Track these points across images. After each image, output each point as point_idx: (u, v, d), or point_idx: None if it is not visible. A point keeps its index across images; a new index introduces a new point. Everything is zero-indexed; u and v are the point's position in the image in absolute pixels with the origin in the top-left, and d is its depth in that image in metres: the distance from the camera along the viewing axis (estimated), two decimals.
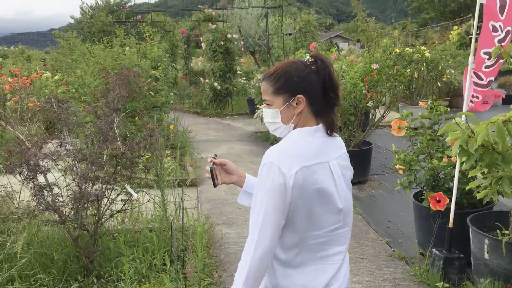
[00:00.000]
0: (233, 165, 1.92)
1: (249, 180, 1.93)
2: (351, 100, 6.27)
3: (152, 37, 9.90)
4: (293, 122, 1.65)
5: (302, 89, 1.60)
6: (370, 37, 15.78)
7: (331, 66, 1.64)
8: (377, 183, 6.46)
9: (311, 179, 1.55)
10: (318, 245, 1.62)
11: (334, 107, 1.65)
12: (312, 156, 1.58)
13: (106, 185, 3.67)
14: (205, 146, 9.39)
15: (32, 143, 3.60)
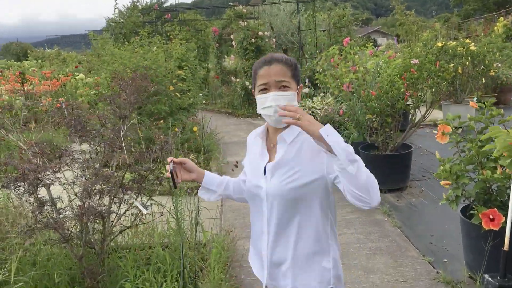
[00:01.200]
0: (193, 164, 2.04)
1: (208, 177, 2.08)
2: (388, 100, 5.73)
3: (176, 35, 9.58)
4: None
5: (300, 79, 1.87)
6: (410, 31, 14.97)
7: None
8: (418, 190, 5.89)
9: None
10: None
11: None
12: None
13: (113, 199, 3.33)
14: (234, 149, 9.02)
15: (35, 152, 3.29)
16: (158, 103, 7.97)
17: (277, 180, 1.78)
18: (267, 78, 1.76)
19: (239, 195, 2.14)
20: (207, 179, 2.06)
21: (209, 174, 2.08)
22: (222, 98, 15.56)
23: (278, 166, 1.80)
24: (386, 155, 5.82)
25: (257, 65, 1.83)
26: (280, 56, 1.81)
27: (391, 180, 5.78)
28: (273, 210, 1.81)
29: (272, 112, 1.74)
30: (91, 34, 18.49)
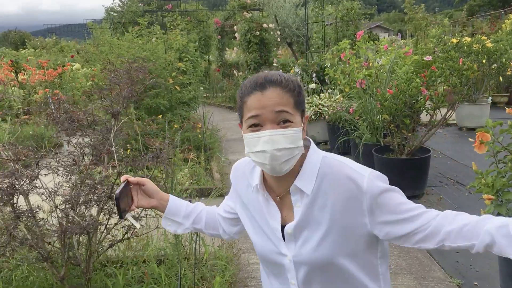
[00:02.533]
0: (154, 186, 1.57)
1: (172, 205, 1.60)
2: (406, 99, 5.28)
3: (176, 25, 9.10)
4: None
5: (304, 107, 1.33)
6: (419, 26, 14.46)
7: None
8: (435, 197, 5.45)
9: None
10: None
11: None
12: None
13: (101, 210, 2.88)
14: (236, 147, 8.57)
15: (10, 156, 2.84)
16: (156, 97, 7.51)
17: (309, 246, 1.32)
18: (259, 109, 1.23)
19: (213, 231, 1.69)
20: (171, 208, 1.60)
21: (174, 202, 1.61)
22: (223, 92, 15.09)
23: (303, 227, 1.33)
24: (402, 159, 5.37)
25: (245, 89, 1.29)
26: (276, 76, 1.27)
27: (407, 187, 5.32)
28: (306, 281, 1.35)
29: (268, 159, 1.24)
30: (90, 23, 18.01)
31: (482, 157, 3.25)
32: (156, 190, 1.57)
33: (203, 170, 6.13)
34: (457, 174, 6.24)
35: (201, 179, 5.85)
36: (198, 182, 5.84)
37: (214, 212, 1.69)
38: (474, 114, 9.05)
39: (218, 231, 1.68)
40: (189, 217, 1.63)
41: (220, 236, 1.68)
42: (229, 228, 1.66)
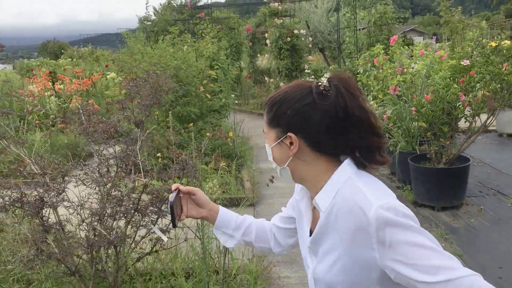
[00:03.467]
0: (205, 196, 1.54)
1: (222, 217, 1.56)
2: (444, 106, 5.06)
3: (207, 33, 9.11)
4: (289, 165, 1.27)
5: (294, 126, 1.21)
6: (455, 30, 14.00)
7: (352, 94, 1.16)
8: (475, 208, 5.19)
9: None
10: None
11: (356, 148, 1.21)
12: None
13: (128, 223, 2.84)
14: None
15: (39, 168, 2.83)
16: (187, 105, 7.52)
17: (323, 265, 1.24)
18: None
19: (264, 244, 1.61)
20: (221, 220, 1.55)
21: (224, 213, 1.57)
22: (254, 99, 15.05)
23: (318, 244, 1.26)
24: (440, 169, 5.15)
25: None
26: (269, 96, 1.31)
27: (446, 197, 5.11)
28: None
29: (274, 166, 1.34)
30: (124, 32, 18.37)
31: None
32: (206, 200, 1.55)
33: (233, 179, 6.06)
34: (498, 184, 5.95)
35: (231, 188, 5.79)
36: (229, 192, 5.77)
37: (263, 224, 1.63)
38: None
39: (268, 244, 1.60)
40: (239, 229, 1.58)
41: (271, 249, 1.60)
42: (284, 239, 1.57)
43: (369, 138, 1.19)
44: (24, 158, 2.86)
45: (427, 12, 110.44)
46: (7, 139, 2.83)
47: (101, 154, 2.71)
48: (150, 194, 2.73)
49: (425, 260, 1.04)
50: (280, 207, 1.62)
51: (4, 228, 3.29)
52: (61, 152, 7.94)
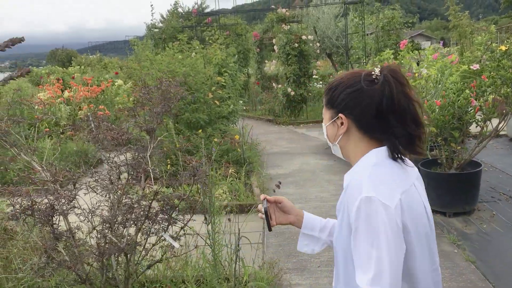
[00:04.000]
0: (290, 203, 1.67)
1: (308, 220, 1.67)
2: (455, 111, 5.02)
3: (215, 39, 9.13)
4: (339, 143, 1.42)
5: (346, 108, 1.36)
6: (464, 34, 13.93)
7: (400, 83, 1.30)
8: (488, 214, 5.13)
9: (412, 204, 1.29)
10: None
11: (397, 135, 1.31)
12: (405, 178, 1.33)
13: (139, 230, 2.83)
14: (276, 160, 8.44)
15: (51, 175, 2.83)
16: (196, 112, 7.53)
17: (335, 235, 1.45)
18: None
19: None
20: (307, 223, 1.66)
21: (309, 216, 1.68)
22: (262, 105, 15.04)
23: (337, 216, 1.45)
24: (451, 174, 5.09)
25: None
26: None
27: (457, 203, 5.05)
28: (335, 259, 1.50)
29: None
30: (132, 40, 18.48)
31: None
32: (292, 206, 1.67)
33: (242, 185, 6.04)
34: (510, 189, 5.87)
35: (240, 195, 5.76)
36: (238, 198, 5.75)
37: None
38: None
39: None
40: (325, 230, 1.66)
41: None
42: None
43: (410, 126, 1.30)
44: (34, 165, 2.87)
45: (434, 16, 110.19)
46: (18, 147, 2.84)
47: (111, 161, 2.70)
48: (160, 201, 2.71)
49: (360, 260, 1.21)
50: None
51: (15, 236, 3.28)
52: (70, 160, 7.98)
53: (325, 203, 5.81)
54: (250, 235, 4.14)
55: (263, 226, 5.09)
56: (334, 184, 6.66)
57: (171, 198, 2.72)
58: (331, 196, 6.05)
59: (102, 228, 2.64)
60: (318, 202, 5.87)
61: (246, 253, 3.76)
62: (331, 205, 5.68)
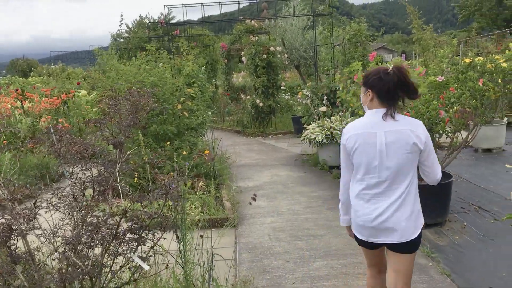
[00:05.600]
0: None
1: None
2: (424, 123, 5.03)
3: (188, 52, 8.97)
4: (367, 105, 2.62)
5: (371, 86, 2.55)
6: (426, 47, 14.27)
7: (404, 73, 2.48)
8: (459, 225, 5.15)
9: (355, 141, 2.56)
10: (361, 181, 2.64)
11: (400, 99, 2.54)
12: (363, 127, 2.57)
13: (105, 251, 2.63)
14: (246, 173, 8.32)
15: None
16: (164, 123, 7.33)
17: None
18: None
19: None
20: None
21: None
22: (230, 116, 14.92)
23: None
24: (423, 186, 5.07)
25: None
26: None
27: (429, 214, 5.04)
28: None
29: None
30: (96, 49, 18.01)
31: (503, 180, 3.00)
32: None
33: (213, 199, 5.88)
34: (479, 200, 5.94)
35: (211, 209, 5.60)
36: (209, 212, 5.58)
37: None
38: (490, 135, 8.76)
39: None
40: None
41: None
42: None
43: (411, 93, 2.50)
44: None
45: (395, 30, 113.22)
46: None
47: (74, 177, 2.51)
48: (130, 221, 2.54)
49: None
50: (262, 228, 1.91)
51: None
52: (31, 174, 7.60)
53: (297, 216, 5.71)
54: (223, 251, 3.99)
55: (235, 241, 4.94)
56: (306, 196, 6.58)
57: (142, 217, 2.55)
58: (304, 209, 5.96)
59: (65, 250, 2.44)
60: (290, 215, 5.76)
61: (219, 270, 3.61)
62: (304, 218, 5.59)
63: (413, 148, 2.43)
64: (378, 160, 2.46)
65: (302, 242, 4.81)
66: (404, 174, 2.48)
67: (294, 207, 6.07)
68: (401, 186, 2.48)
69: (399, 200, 2.48)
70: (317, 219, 5.54)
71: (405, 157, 2.44)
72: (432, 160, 2.54)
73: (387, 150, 2.44)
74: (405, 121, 2.47)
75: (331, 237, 4.93)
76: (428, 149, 2.49)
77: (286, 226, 5.33)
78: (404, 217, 2.48)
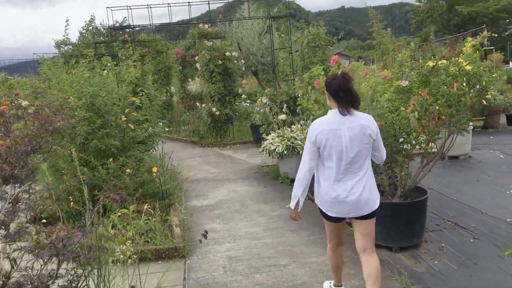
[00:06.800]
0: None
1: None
2: (395, 132, 4.49)
3: (128, 55, 8.19)
4: (329, 104, 3.24)
5: (326, 88, 3.20)
6: (386, 51, 14.03)
7: (346, 79, 3.08)
8: (436, 246, 4.62)
9: (324, 137, 3.10)
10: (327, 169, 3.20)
11: (345, 100, 3.08)
12: (330, 124, 3.12)
13: None
14: (201, 189, 7.59)
15: None
16: (107, 137, 6.51)
17: None
18: None
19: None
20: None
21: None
22: (187, 125, 14.13)
23: None
24: (396, 204, 4.54)
25: None
26: None
27: (404, 236, 4.51)
28: None
29: None
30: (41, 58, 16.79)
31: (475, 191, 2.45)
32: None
33: (160, 224, 5.13)
34: (454, 215, 5.47)
35: (156, 237, 4.85)
36: (154, 241, 4.83)
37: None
38: (456, 142, 8.36)
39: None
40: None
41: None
42: None
43: (350, 97, 3.09)
44: None
45: (351, 37, 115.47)
46: None
47: None
48: None
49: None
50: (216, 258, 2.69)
51: None
52: None
53: (257, 241, 5.04)
54: None
55: (183, 277, 4.21)
56: (266, 215, 5.93)
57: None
58: (263, 232, 5.31)
59: None
60: (249, 240, 5.09)
61: None
62: (264, 244, 4.93)
63: (368, 138, 3.12)
64: (344, 151, 3.08)
65: (262, 276, 4.14)
66: (364, 159, 3.15)
67: (253, 230, 5.40)
68: (362, 169, 3.14)
69: (364, 179, 3.14)
70: (278, 244, 4.88)
71: (363, 146, 3.11)
72: (381, 146, 3.27)
73: (350, 142, 3.07)
74: (361, 117, 3.15)
75: (295, 267, 4.28)
76: (378, 138, 3.21)
77: (243, 255, 4.65)
78: (367, 191, 3.14)
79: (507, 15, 39.92)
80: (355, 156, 3.08)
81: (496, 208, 5.57)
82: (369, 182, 3.17)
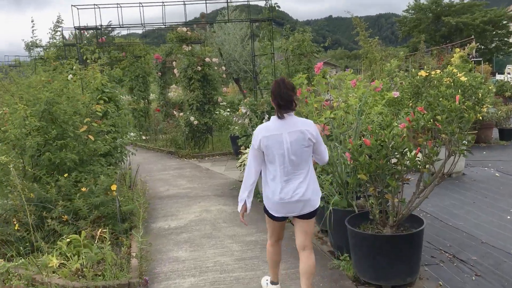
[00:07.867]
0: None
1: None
2: (388, 152, 3.85)
3: (95, 58, 7.48)
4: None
5: (272, 95, 3.36)
6: (374, 60, 13.48)
7: (281, 84, 3.31)
8: (433, 284, 3.97)
9: (267, 142, 3.30)
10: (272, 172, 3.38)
11: (282, 105, 3.29)
12: (272, 130, 3.32)
13: None
14: (170, 207, 6.86)
15: None
16: (63, 149, 5.77)
17: None
18: None
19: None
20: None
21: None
22: (164, 134, 13.40)
23: None
24: (389, 237, 3.88)
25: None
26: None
27: (397, 273, 3.85)
28: None
29: None
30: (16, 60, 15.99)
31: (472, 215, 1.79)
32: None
33: (113, 254, 4.39)
34: (451, 244, 4.83)
35: (107, 270, 4.11)
36: (105, 275, 4.10)
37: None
38: (450, 159, 7.83)
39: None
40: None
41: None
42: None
43: (286, 102, 3.29)
44: None
45: (338, 46, 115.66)
46: None
47: None
48: None
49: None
50: None
51: None
52: None
53: (226, 274, 4.34)
54: None
55: None
56: (240, 241, 5.23)
57: None
58: (235, 262, 4.61)
59: None
60: (217, 273, 4.38)
61: None
62: (234, 279, 4.23)
63: (308, 142, 3.31)
64: (286, 154, 3.27)
65: None
66: (305, 161, 3.35)
67: (223, 260, 4.70)
68: (304, 170, 3.34)
69: (306, 180, 3.34)
70: (251, 280, 4.19)
71: (304, 150, 3.31)
72: (321, 149, 3.44)
73: (291, 146, 3.27)
74: (301, 123, 3.34)
75: None
76: (318, 141, 3.38)
77: None
78: (310, 192, 3.35)
79: (493, 28, 40.04)
80: (297, 159, 3.30)
81: (496, 236, 4.96)
82: (312, 183, 3.39)
